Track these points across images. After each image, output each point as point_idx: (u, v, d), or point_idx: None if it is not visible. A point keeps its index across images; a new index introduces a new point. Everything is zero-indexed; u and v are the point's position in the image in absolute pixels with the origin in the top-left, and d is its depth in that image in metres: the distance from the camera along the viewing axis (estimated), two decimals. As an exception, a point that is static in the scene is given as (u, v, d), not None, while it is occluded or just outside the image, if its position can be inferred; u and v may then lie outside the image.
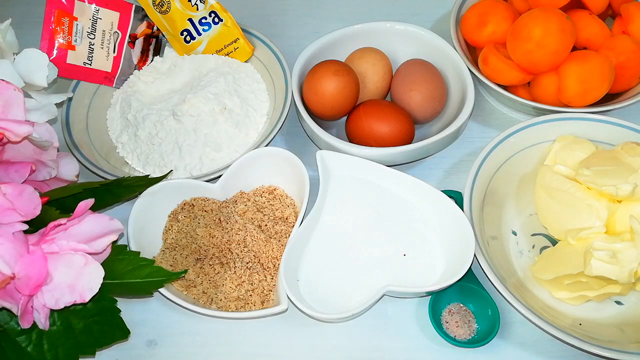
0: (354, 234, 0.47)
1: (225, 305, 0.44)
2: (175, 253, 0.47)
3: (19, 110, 0.41)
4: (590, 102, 0.51)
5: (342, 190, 0.48)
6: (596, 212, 0.43)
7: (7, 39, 0.47)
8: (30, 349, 0.39)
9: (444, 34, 0.56)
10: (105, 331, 0.40)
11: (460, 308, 0.44)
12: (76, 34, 0.56)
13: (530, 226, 0.49)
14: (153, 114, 0.54)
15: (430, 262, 0.45)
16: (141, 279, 0.41)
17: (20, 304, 0.36)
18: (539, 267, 0.45)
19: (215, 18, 0.57)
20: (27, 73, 0.45)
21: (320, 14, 0.67)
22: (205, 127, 0.52)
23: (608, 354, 0.39)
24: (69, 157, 0.48)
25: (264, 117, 0.55)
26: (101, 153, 0.53)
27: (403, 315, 0.45)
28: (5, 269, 0.35)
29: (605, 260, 0.40)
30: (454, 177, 0.53)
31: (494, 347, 0.43)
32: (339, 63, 0.51)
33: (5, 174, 0.41)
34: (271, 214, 0.49)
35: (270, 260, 0.46)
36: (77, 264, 0.37)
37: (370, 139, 0.50)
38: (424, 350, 0.43)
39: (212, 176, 0.49)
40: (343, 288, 0.44)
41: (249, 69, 0.58)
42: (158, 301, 0.46)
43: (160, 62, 0.59)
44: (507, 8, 0.55)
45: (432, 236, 0.46)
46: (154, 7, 0.57)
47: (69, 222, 0.38)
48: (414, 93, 0.52)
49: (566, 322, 0.42)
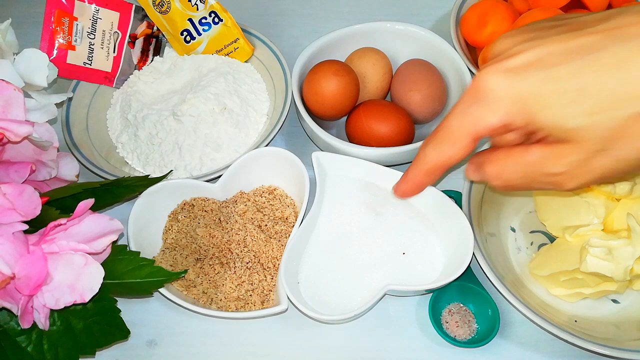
0: (353, 234, 0.47)
1: (225, 305, 0.44)
2: (175, 253, 0.47)
3: (19, 110, 0.41)
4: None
5: (340, 190, 0.49)
6: (594, 209, 0.43)
7: (7, 38, 0.47)
8: (30, 349, 0.39)
9: (444, 34, 0.56)
10: (105, 331, 0.40)
11: (460, 308, 0.44)
12: (76, 34, 0.56)
13: (529, 223, 0.49)
14: (153, 114, 0.54)
15: (430, 261, 0.45)
16: (141, 279, 0.41)
17: (20, 304, 0.36)
18: (536, 263, 0.45)
19: (215, 18, 0.57)
20: (27, 73, 0.45)
21: (320, 14, 0.67)
22: (205, 127, 0.52)
23: (604, 350, 0.39)
24: (69, 157, 0.48)
25: (264, 117, 0.55)
26: (101, 153, 0.53)
27: (403, 316, 0.45)
28: (5, 269, 0.35)
29: (600, 257, 0.40)
30: (454, 177, 0.53)
31: (494, 347, 0.43)
32: (339, 63, 0.51)
33: (5, 174, 0.41)
34: (271, 214, 0.49)
35: (270, 260, 0.46)
36: (77, 264, 0.37)
37: (370, 139, 0.50)
38: (424, 350, 0.43)
39: (212, 176, 0.49)
40: (343, 288, 0.44)
41: (249, 69, 0.58)
42: (158, 301, 0.46)
43: (160, 62, 0.59)
44: (507, 8, 0.55)
45: (431, 235, 0.46)
46: (154, 7, 0.57)
47: (69, 222, 0.38)
48: (414, 93, 0.52)
49: (562, 319, 0.42)
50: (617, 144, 0.28)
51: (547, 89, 0.28)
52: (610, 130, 0.27)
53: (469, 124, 0.30)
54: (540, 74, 0.28)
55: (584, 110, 0.28)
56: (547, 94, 0.28)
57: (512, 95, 0.29)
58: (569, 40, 0.28)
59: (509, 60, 0.29)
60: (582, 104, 0.28)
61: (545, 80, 0.28)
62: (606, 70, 0.27)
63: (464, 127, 0.31)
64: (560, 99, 0.28)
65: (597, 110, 0.27)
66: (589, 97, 0.27)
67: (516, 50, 0.29)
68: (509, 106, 0.29)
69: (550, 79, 0.28)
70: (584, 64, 0.27)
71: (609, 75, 0.27)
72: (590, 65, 0.27)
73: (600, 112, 0.27)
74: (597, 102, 0.27)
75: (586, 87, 0.27)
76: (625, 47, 0.27)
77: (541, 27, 0.30)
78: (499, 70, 0.29)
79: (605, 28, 0.28)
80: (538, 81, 0.28)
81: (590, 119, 0.28)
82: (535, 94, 0.28)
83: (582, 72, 0.27)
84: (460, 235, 0.44)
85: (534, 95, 0.28)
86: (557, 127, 0.28)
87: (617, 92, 0.27)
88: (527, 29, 0.30)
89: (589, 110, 0.27)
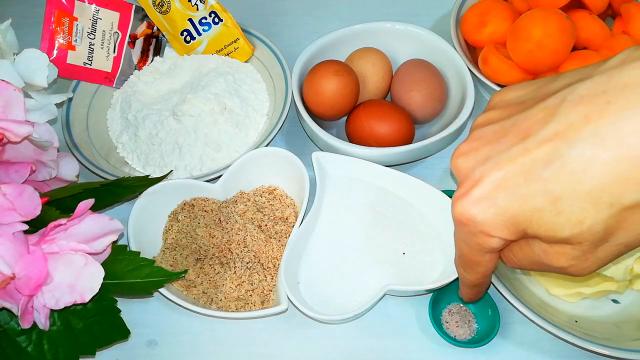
0: (353, 234, 0.47)
1: (225, 305, 0.44)
2: (175, 253, 0.47)
3: (19, 110, 0.41)
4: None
5: (340, 191, 0.49)
6: None
7: (7, 39, 0.47)
8: (31, 349, 0.39)
9: (444, 34, 0.56)
10: (105, 331, 0.40)
11: (460, 308, 0.44)
12: (76, 34, 0.56)
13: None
14: (153, 114, 0.54)
15: (430, 261, 0.45)
16: (141, 279, 0.41)
17: (21, 304, 0.36)
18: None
19: (215, 18, 0.57)
20: (27, 73, 0.45)
21: (320, 14, 0.67)
22: (205, 127, 0.52)
23: (604, 350, 0.39)
24: (69, 157, 0.48)
25: (264, 117, 0.55)
26: (101, 153, 0.53)
27: (403, 316, 0.45)
28: (6, 269, 0.35)
29: None
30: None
31: (494, 347, 0.43)
32: (339, 63, 0.51)
33: (5, 174, 0.41)
34: (271, 214, 0.49)
35: (270, 260, 0.46)
36: (78, 264, 0.37)
37: (370, 139, 0.50)
38: (424, 350, 0.43)
39: (212, 176, 0.49)
40: (343, 288, 0.44)
41: (249, 69, 0.58)
42: (158, 301, 0.46)
43: (161, 62, 0.59)
44: (507, 8, 0.55)
45: (431, 235, 0.46)
46: (154, 7, 0.57)
47: (69, 222, 0.38)
48: (414, 93, 0.52)
49: (562, 319, 0.42)
50: (614, 237, 0.27)
51: (525, 208, 0.28)
52: (604, 230, 0.27)
53: (478, 251, 0.31)
54: (510, 195, 0.28)
55: (569, 220, 0.27)
56: (526, 211, 0.28)
57: (497, 220, 0.29)
58: (524, 155, 0.27)
59: (476, 189, 0.29)
60: (564, 215, 0.27)
61: (518, 201, 0.28)
62: (573, 177, 0.26)
63: (476, 254, 0.32)
64: (540, 215, 0.27)
65: (582, 217, 0.27)
66: (568, 207, 0.27)
67: (478, 175, 0.29)
68: (500, 230, 0.29)
69: (521, 199, 0.28)
70: (548, 178, 0.27)
71: (577, 182, 0.26)
72: (556, 178, 0.27)
73: (585, 219, 0.27)
74: (579, 210, 0.27)
75: (560, 199, 0.27)
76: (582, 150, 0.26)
77: (491, 133, 0.30)
78: (473, 202, 0.29)
79: (555, 132, 0.27)
80: (513, 203, 0.28)
81: (581, 226, 0.27)
82: (516, 214, 0.28)
83: (548, 186, 0.27)
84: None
85: (516, 215, 0.28)
86: (552, 237, 0.28)
87: (595, 195, 0.26)
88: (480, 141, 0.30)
89: (575, 220, 0.27)
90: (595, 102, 0.26)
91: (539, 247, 0.30)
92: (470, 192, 0.29)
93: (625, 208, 0.26)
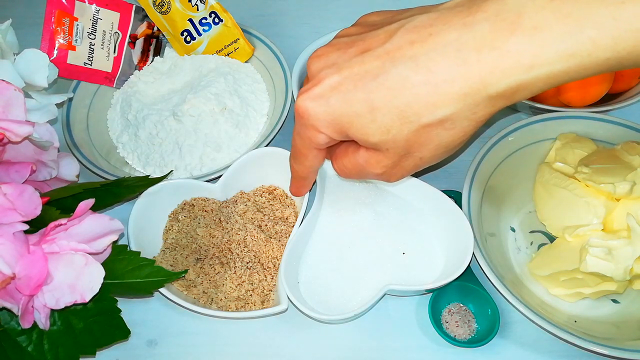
0: (353, 234, 0.47)
1: (226, 305, 0.44)
2: (175, 253, 0.47)
3: (20, 110, 0.41)
4: (589, 102, 0.51)
5: (339, 190, 0.49)
6: (594, 209, 0.43)
7: (8, 39, 0.47)
8: (31, 349, 0.39)
9: (443, 34, 0.56)
10: (105, 331, 0.40)
11: (460, 308, 0.44)
12: (76, 34, 0.56)
13: (529, 223, 0.49)
14: (153, 114, 0.54)
15: (430, 261, 0.45)
16: (141, 279, 0.41)
17: (21, 304, 0.36)
18: (536, 263, 0.45)
19: (215, 18, 0.57)
20: (28, 73, 0.45)
21: (320, 14, 0.67)
22: (205, 127, 0.52)
23: (604, 350, 0.39)
24: (70, 157, 0.48)
25: (264, 117, 0.55)
26: (101, 153, 0.53)
27: (403, 316, 0.45)
28: (6, 269, 0.35)
29: (600, 257, 0.40)
30: (454, 177, 0.53)
31: (494, 347, 0.43)
32: (339, 63, 0.51)
33: (5, 174, 0.41)
34: (271, 214, 0.49)
35: (270, 260, 0.46)
36: (78, 264, 0.37)
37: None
38: (424, 350, 0.43)
39: (213, 176, 0.49)
40: (343, 288, 0.44)
41: (249, 69, 0.58)
42: (158, 301, 0.46)
43: (161, 62, 0.59)
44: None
45: (431, 234, 0.46)
46: (154, 8, 0.57)
47: (69, 222, 0.38)
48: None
49: (562, 319, 0.42)
50: (415, 150, 0.33)
51: (349, 111, 0.32)
52: (406, 141, 0.32)
53: (307, 143, 0.36)
54: (340, 98, 0.32)
55: (380, 128, 0.32)
56: (350, 114, 0.32)
57: (326, 117, 0.33)
58: (360, 65, 0.32)
59: (316, 88, 0.33)
60: (377, 123, 0.32)
61: (345, 104, 0.32)
62: (390, 92, 0.31)
63: (305, 146, 0.36)
64: (359, 120, 0.32)
65: (390, 127, 0.32)
66: (381, 117, 0.31)
67: (322, 76, 0.33)
68: (327, 127, 0.33)
69: (348, 102, 0.32)
70: (372, 88, 0.31)
71: (392, 96, 0.31)
72: (377, 90, 0.31)
73: (392, 129, 0.32)
74: (388, 120, 0.31)
75: (377, 109, 0.31)
76: (401, 70, 0.30)
77: (344, 43, 0.34)
78: (311, 98, 0.33)
79: (386, 51, 0.31)
80: (341, 105, 0.32)
81: (387, 135, 0.32)
82: (341, 115, 0.33)
83: (370, 96, 0.31)
84: (460, 235, 0.44)
85: (341, 116, 0.33)
86: (365, 141, 0.33)
87: (402, 110, 0.31)
88: (333, 48, 0.34)
89: (384, 128, 0.32)
90: (421, 32, 0.30)
91: (362, 157, 0.35)
92: (311, 89, 0.33)
93: (423, 126, 0.31)
